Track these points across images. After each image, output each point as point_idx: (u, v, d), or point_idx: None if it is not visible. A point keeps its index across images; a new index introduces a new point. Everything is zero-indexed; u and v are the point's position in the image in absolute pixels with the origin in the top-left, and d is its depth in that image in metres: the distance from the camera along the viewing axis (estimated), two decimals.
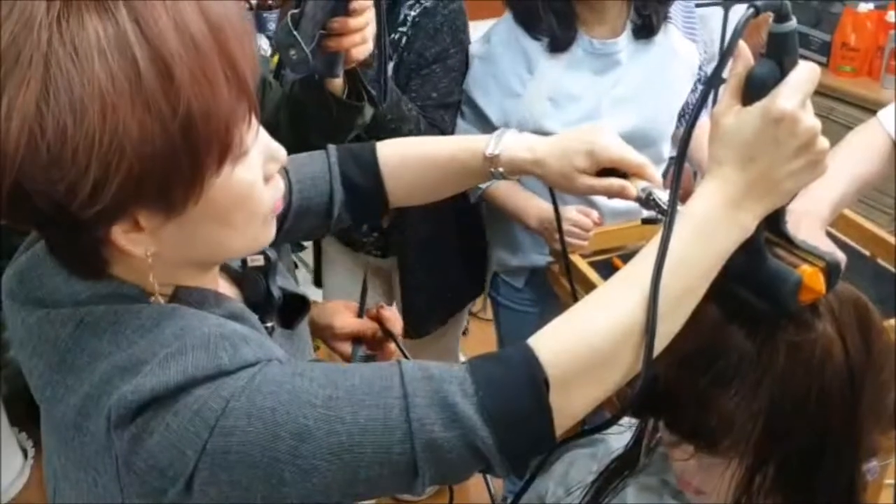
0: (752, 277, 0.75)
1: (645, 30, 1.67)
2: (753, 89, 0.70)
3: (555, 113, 1.65)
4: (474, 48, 1.74)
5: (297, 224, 0.98)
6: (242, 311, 0.75)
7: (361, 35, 1.07)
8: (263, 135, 0.69)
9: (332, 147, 1.02)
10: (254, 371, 0.64)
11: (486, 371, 0.67)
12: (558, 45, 1.63)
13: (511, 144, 0.96)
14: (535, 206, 1.66)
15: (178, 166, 0.59)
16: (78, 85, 0.55)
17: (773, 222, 0.75)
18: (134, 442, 0.62)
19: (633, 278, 0.70)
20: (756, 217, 0.71)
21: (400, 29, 1.61)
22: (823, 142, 0.70)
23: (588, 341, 0.68)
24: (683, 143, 0.73)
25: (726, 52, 0.69)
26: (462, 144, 1.00)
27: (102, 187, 0.57)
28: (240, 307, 0.76)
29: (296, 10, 1.01)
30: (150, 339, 0.65)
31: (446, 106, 1.69)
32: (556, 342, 0.69)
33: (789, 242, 0.76)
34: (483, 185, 1.71)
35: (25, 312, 0.70)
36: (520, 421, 0.66)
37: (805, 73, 0.69)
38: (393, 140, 1.03)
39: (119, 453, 0.63)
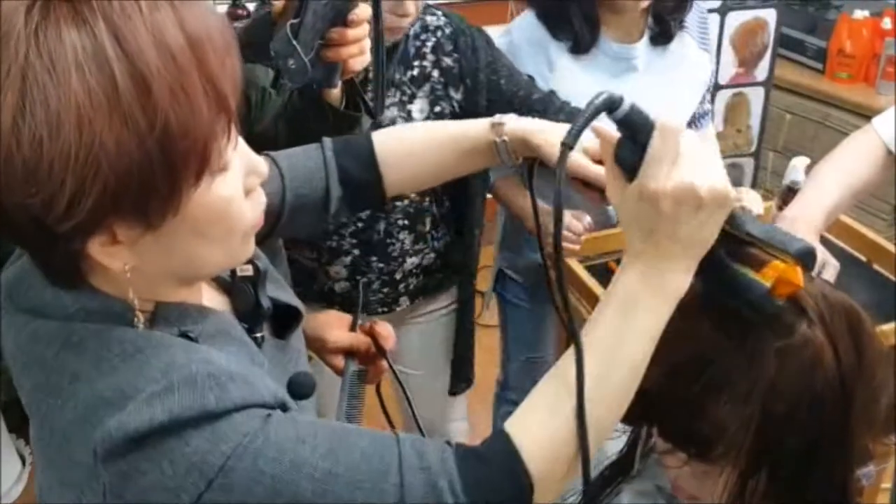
0: (725, 291, 0.75)
1: (662, 36, 1.70)
2: (624, 171, 0.71)
3: None
4: (495, 42, 1.75)
5: (292, 220, 0.97)
6: (227, 325, 0.75)
7: (359, 46, 1.08)
8: (244, 148, 0.69)
9: (327, 140, 1.01)
10: (256, 427, 0.64)
11: (475, 473, 0.69)
12: (581, 47, 1.66)
13: (516, 116, 0.96)
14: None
15: (154, 181, 0.59)
16: (54, 99, 0.55)
17: (735, 227, 0.74)
18: (124, 478, 0.62)
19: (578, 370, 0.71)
20: (685, 273, 0.72)
21: (422, 63, 1.53)
22: (716, 183, 0.68)
23: (559, 435, 0.70)
24: (558, 180, 0.69)
25: (561, 156, 0.68)
26: (463, 123, 1.01)
27: (79, 201, 0.57)
28: (224, 320, 0.75)
29: (295, 20, 1.02)
30: (133, 366, 0.64)
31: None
32: (533, 436, 0.70)
33: (756, 239, 0.75)
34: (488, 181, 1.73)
35: (15, 324, 0.70)
36: None
37: (659, 143, 0.68)
38: (390, 128, 1.04)
39: (107, 483, 0.63)
